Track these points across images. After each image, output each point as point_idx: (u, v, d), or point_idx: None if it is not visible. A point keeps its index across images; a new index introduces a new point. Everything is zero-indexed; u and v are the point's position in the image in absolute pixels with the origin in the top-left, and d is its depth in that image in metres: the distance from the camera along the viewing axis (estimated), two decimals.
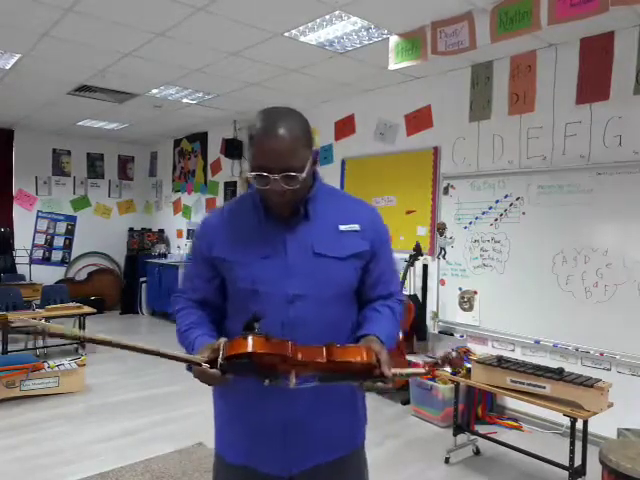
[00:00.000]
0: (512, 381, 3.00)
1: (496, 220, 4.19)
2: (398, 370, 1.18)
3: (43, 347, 5.68)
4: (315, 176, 1.33)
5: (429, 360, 1.25)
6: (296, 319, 1.24)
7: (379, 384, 1.14)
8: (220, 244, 1.31)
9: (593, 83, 3.65)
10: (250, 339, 1.10)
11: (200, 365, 1.12)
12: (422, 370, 1.23)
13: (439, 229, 4.60)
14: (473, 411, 3.88)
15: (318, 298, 1.26)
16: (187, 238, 8.22)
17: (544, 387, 2.88)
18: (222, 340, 1.14)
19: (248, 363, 1.10)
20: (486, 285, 4.25)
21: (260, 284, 1.25)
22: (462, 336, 4.42)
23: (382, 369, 1.13)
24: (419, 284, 4.66)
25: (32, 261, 7.95)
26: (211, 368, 1.11)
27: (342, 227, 1.30)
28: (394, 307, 1.38)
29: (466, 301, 4.38)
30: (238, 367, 1.12)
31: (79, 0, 3.32)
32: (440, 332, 4.57)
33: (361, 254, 1.32)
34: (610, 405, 2.79)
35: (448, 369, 1.25)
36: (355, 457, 1.41)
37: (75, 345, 5.83)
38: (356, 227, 1.31)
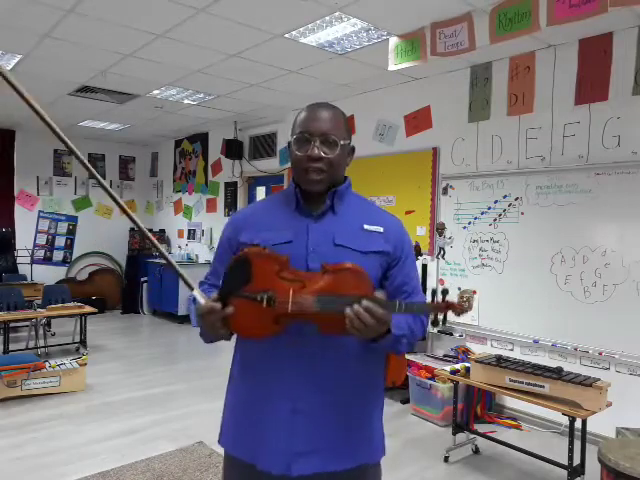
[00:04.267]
0: (511, 380, 3.01)
1: (495, 220, 4.20)
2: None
3: (44, 346, 5.70)
4: (346, 178, 1.40)
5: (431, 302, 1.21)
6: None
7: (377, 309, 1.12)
8: (248, 230, 1.34)
9: (592, 84, 3.66)
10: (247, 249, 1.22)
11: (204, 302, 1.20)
12: (429, 306, 1.20)
13: (438, 229, 4.62)
14: (472, 410, 3.89)
15: None
16: (188, 238, 8.25)
17: (543, 386, 2.89)
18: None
19: (246, 276, 1.17)
20: (485, 285, 4.26)
21: None
22: (461, 335, 4.44)
23: (374, 293, 1.15)
24: None
25: (33, 261, 7.97)
26: None
27: (366, 226, 1.33)
28: (413, 317, 1.31)
29: (465, 301, 4.39)
30: (237, 282, 1.18)
31: (80, 1, 3.34)
32: (439, 331, 4.58)
33: (383, 253, 1.31)
34: (609, 404, 2.80)
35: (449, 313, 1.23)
36: (365, 473, 1.33)
37: (76, 345, 5.85)
38: (380, 229, 1.33)
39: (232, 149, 6.97)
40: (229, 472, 1.39)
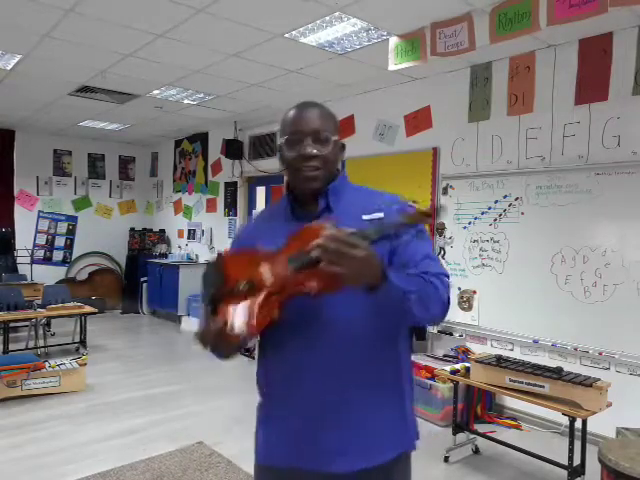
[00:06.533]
0: (511, 380, 3.01)
1: (495, 220, 4.20)
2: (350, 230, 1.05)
3: (44, 346, 5.70)
4: (338, 172, 1.35)
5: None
6: (320, 308, 1.20)
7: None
8: (248, 242, 1.31)
9: (592, 84, 3.66)
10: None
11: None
12: (400, 219, 1.10)
13: (438, 229, 4.61)
14: (472, 410, 3.89)
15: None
16: (188, 238, 8.24)
17: (543, 386, 2.89)
18: None
19: (220, 278, 1.18)
20: (485, 285, 4.26)
21: None
22: (461, 335, 4.44)
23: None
24: None
25: (33, 261, 7.96)
26: None
27: (365, 217, 1.25)
28: (427, 278, 1.17)
29: (465, 301, 4.40)
30: (215, 285, 1.18)
31: (80, 1, 3.34)
32: (439, 332, 4.58)
33: (388, 236, 1.18)
34: (609, 404, 2.81)
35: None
36: (403, 461, 1.32)
37: (76, 345, 5.85)
38: (380, 215, 1.25)
39: (232, 149, 6.97)
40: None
